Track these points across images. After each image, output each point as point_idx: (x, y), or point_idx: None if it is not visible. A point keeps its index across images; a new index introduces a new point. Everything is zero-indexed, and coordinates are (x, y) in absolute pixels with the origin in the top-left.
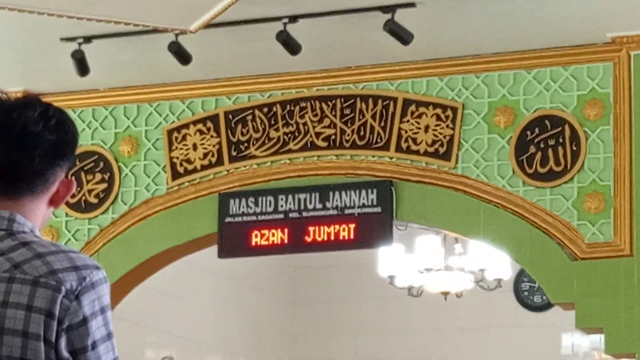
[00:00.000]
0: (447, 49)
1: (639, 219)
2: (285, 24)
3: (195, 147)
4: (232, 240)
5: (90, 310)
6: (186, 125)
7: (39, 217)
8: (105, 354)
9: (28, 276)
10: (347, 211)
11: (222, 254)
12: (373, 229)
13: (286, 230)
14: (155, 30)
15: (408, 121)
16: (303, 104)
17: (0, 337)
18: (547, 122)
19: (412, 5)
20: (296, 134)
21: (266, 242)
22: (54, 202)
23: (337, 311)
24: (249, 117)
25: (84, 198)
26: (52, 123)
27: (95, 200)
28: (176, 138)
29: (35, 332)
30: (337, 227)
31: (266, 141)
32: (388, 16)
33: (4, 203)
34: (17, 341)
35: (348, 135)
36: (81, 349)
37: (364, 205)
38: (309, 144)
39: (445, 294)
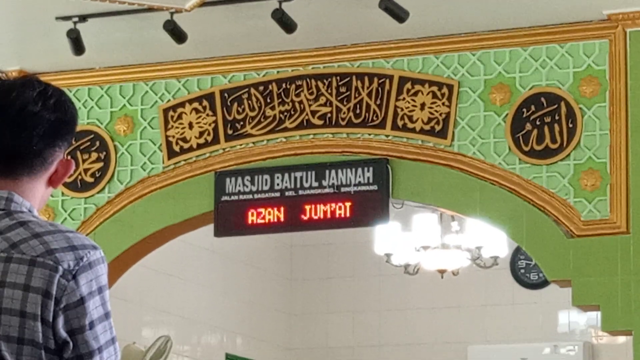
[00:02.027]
0: (443, 27)
1: (635, 196)
2: (280, 2)
3: (191, 126)
4: (229, 219)
5: (88, 289)
6: (182, 104)
7: (38, 197)
8: (102, 333)
9: (25, 256)
10: (343, 189)
11: (219, 232)
12: (369, 207)
13: (282, 209)
14: (150, 9)
15: (404, 99)
16: (299, 82)
17: (3, 317)
18: (543, 99)
19: None
20: (292, 112)
21: (262, 221)
22: (52, 182)
23: (334, 290)
24: (245, 96)
25: (79, 177)
26: (51, 103)
27: (91, 180)
28: (172, 117)
29: (32, 312)
30: (333, 205)
31: (262, 119)
32: None
33: (2, 182)
34: (14, 320)
35: (344, 113)
36: (78, 329)
37: (360, 184)
38: (304, 122)
39: (442, 271)
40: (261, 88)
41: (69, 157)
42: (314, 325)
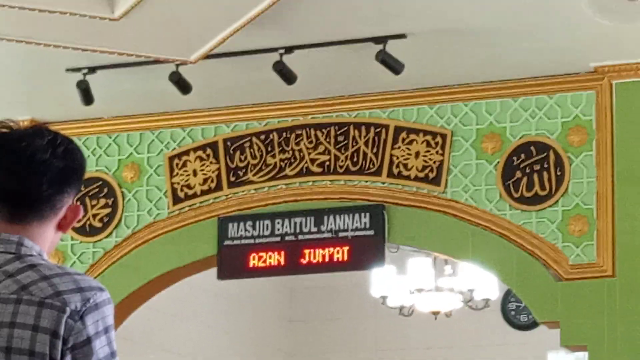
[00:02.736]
0: (437, 79)
1: (621, 241)
2: (281, 54)
3: (195, 173)
4: (231, 263)
5: (94, 330)
6: (186, 152)
7: (47, 241)
8: None
9: (34, 297)
10: (341, 234)
11: (221, 275)
12: (366, 251)
13: (283, 253)
14: (156, 61)
15: (399, 147)
16: (298, 132)
17: (9, 356)
18: (532, 148)
19: (403, 36)
20: (292, 160)
21: (263, 264)
22: (61, 227)
23: (332, 330)
24: (247, 144)
25: (88, 222)
26: (60, 151)
27: (99, 225)
28: (177, 164)
29: (41, 352)
30: (331, 249)
31: (263, 167)
32: (380, 47)
33: (13, 227)
34: (22, 359)
35: (342, 161)
36: None
37: (357, 229)
38: (304, 170)
39: (436, 313)
40: (262, 137)
41: (77, 203)
42: (308, 347)
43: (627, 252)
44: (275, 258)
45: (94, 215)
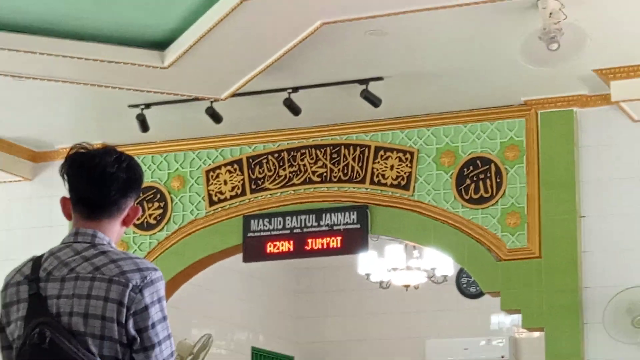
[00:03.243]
0: (406, 110)
1: (545, 231)
2: (289, 93)
3: (225, 183)
4: (253, 250)
5: (150, 300)
6: (219, 167)
7: (115, 234)
8: (161, 331)
9: (105, 276)
10: (335, 227)
11: (246, 259)
12: (354, 240)
13: (291, 242)
14: (196, 99)
15: (378, 162)
16: (303, 151)
17: (86, 320)
18: (478, 161)
19: (380, 79)
20: (298, 172)
21: (277, 250)
22: (125, 223)
23: (328, 300)
24: (264, 161)
25: (145, 220)
26: (124, 166)
27: (154, 222)
28: (212, 176)
29: (110, 317)
30: (328, 239)
31: (276, 177)
32: (363, 87)
33: (89, 223)
34: (97, 323)
35: (335, 172)
36: (144, 328)
37: (347, 223)
38: (307, 179)
39: (407, 286)
40: (276, 155)
41: (137, 205)
42: (314, 326)
43: (550, 239)
44: (285, 246)
45: (150, 215)
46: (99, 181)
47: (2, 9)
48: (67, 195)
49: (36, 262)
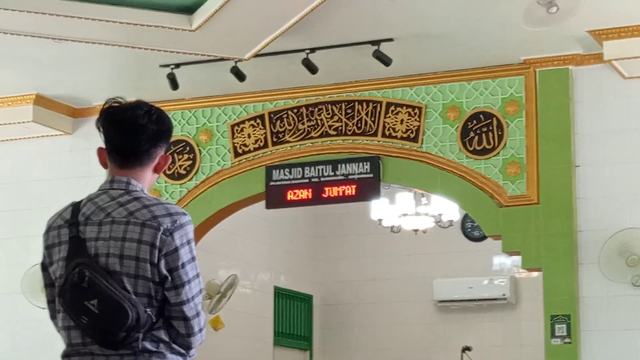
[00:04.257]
0: (414, 68)
1: (543, 180)
2: (307, 53)
3: (249, 136)
4: (275, 197)
5: (180, 242)
6: (243, 122)
7: (147, 181)
8: (190, 270)
9: (138, 220)
10: (350, 177)
11: (268, 206)
12: (367, 189)
13: (310, 190)
14: (221, 59)
15: (389, 117)
16: (320, 107)
17: (122, 260)
18: (481, 116)
19: (391, 40)
20: (315, 126)
21: (297, 198)
22: (156, 170)
23: (344, 243)
24: (285, 116)
25: (176, 171)
26: (154, 118)
27: (184, 172)
28: (237, 130)
29: (144, 257)
30: (343, 187)
31: (296, 131)
32: (375, 47)
33: (123, 171)
34: (132, 263)
35: (350, 126)
36: (174, 268)
37: (361, 173)
38: (324, 133)
39: (416, 230)
40: (295, 110)
41: (167, 154)
42: (330, 267)
43: (547, 187)
44: (305, 194)
45: (180, 166)
46: (131, 132)
47: None
48: (103, 146)
49: (75, 207)
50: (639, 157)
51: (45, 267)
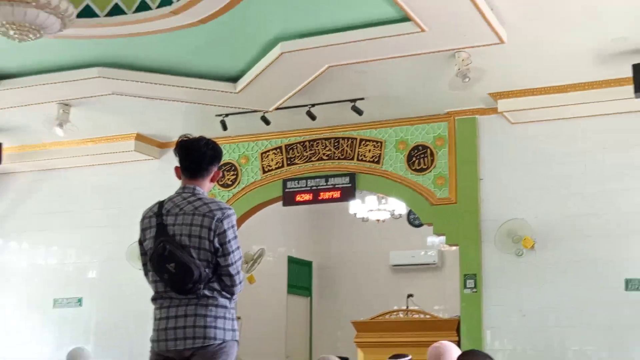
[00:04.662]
0: (378, 117)
1: (459, 188)
2: (309, 107)
3: (272, 160)
4: (288, 199)
5: (227, 226)
6: (268, 151)
7: (206, 187)
8: (234, 244)
9: (200, 212)
10: (336, 185)
11: (284, 204)
12: (347, 193)
13: (311, 194)
14: (254, 110)
15: (361, 147)
16: (317, 141)
17: (190, 238)
18: (420, 147)
19: (362, 98)
20: (315, 154)
21: (302, 199)
22: (212, 180)
23: (332, 229)
24: (295, 147)
25: (225, 181)
26: (210, 146)
27: (230, 183)
28: (264, 156)
29: (204, 236)
30: (332, 192)
31: (302, 157)
32: (352, 103)
33: (191, 182)
34: (196, 240)
35: (336, 154)
36: (224, 242)
37: (343, 183)
38: (320, 158)
39: (378, 220)
40: (301, 144)
41: (219, 170)
42: (324, 244)
43: (461, 192)
44: (307, 196)
45: (228, 179)
46: (197, 157)
47: (140, 58)
48: (178, 165)
49: (160, 204)
50: (518, 175)
51: (140, 242)
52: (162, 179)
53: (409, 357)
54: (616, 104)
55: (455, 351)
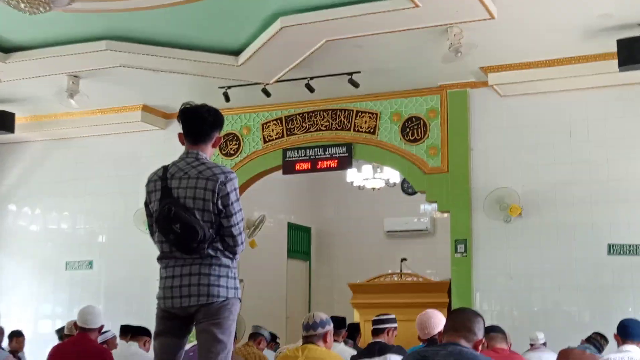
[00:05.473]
0: (373, 89)
1: (451, 158)
2: (308, 80)
3: (272, 130)
4: (288, 167)
5: (230, 189)
6: (269, 122)
7: (208, 152)
8: (237, 206)
9: (204, 176)
10: (334, 155)
11: (284, 173)
12: (344, 163)
13: (309, 163)
14: (256, 83)
15: (358, 119)
16: (316, 113)
17: (194, 201)
18: (414, 118)
19: (359, 72)
20: (313, 125)
21: (301, 168)
22: (214, 146)
23: (330, 196)
24: (294, 118)
25: (228, 151)
26: (212, 113)
27: (232, 152)
28: (265, 127)
29: (207, 199)
30: (329, 162)
31: (301, 128)
32: (349, 76)
33: (194, 147)
34: (200, 202)
35: (334, 125)
36: (227, 204)
37: (340, 153)
38: (318, 129)
39: (374, 188)
40: (300, 115)
41: (220, 136)
42: (322, 210)
43: (453, 162)
44: (306, 165)
45: (230, 148)
46: (199, 123)
47: (146, 32)
48: (181, 131)
49: (165, 168)
50: (506, 144)
51: (146, 204)
52: (167, 148)
53: (392, 316)
54: (601, 78)
55: (440, 316)
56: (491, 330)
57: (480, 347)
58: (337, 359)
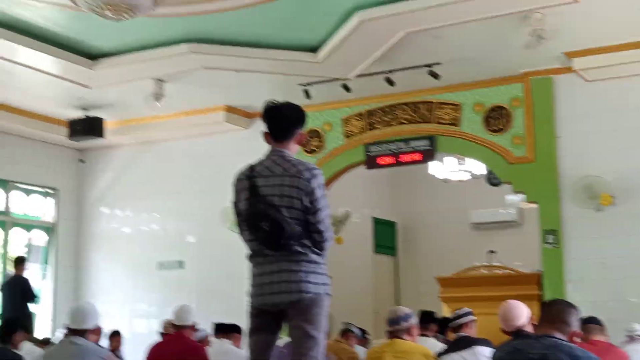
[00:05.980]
0: (454, 80)
1: (537, 146)
2: (387, 73)
3: (354, 125)
4: (371, 162)
5: (315, 185)
6: (350, 117)
7: (292, 149)
8: (323, 201)
9: (289, 173)
10: (417, 148)
11: (368, 168)
12: (428, 156)
13: (392, 157)
14: (336, 79)
15: (439, 111)
16: (397, 106)
17: (281, 198)
18: (497, 108)
19: (439, 63)
20: (395, 118)
21: (384, 162)
22: (297, 142)
23: (414, 190)
24: (375, 112)
25: (311, 147)
26: (295, 110)
27: (315, 148)
28: (346, 122)
29: (295, 196)
30: (413, 155)
31: (382, 122)
32: (429, 68)
33: (278, 145)
34: (286, 199)
35: (416, 118)
36: (313, 200)
37: (423, 146)
38: (400, 122)
39: (460, 181)
40: (382, 109)
41: (303, 132)
42: (406, 204)
43: (539, 151)
44: (390, 160)
45: (313, 144)
46: (282, 120)
47: (226, 33)
48: (266, 130)
49: (252, 167)
50: (595, 130)
51: (235, 203)
52: (251, 147)
53: (467, 310)
54: None
55: (522, 307)
56: (588, 322)
57: (575, 339)
58: (424, 351)
